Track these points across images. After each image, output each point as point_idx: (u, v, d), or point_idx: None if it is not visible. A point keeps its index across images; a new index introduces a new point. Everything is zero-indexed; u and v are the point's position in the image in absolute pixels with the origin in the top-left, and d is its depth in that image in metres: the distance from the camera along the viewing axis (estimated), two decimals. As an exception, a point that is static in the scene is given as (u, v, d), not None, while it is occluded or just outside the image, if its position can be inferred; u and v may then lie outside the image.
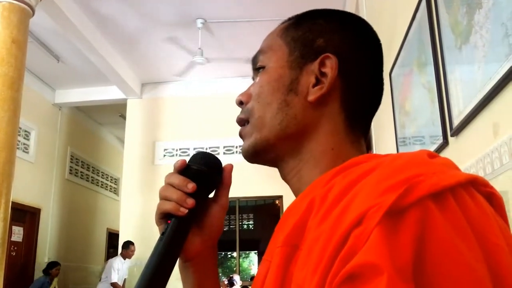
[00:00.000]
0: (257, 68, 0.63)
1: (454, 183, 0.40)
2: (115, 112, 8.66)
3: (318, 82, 0.57)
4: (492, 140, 1.40)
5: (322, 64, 0.57)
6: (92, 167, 9.42)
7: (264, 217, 13.02)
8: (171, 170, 0.62)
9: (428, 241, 0.36)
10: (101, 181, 9.83)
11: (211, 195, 0.64)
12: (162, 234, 0.57)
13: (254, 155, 0.60)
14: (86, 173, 9.18)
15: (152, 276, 0.54)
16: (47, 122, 7.78)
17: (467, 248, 0.36)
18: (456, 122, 1.71)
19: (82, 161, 8.99)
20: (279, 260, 0.45)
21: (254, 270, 13.98)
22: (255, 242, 13.45)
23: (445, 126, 1.86)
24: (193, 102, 7.40)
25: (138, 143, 7.33)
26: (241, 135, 0.62)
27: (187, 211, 0.58)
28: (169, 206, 0.58)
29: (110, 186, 10.23)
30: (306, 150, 0.58)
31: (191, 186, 0.58)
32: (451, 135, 1.79)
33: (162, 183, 0.60)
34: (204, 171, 0.60)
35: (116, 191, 10.36)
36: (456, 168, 0.47)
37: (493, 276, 0.36)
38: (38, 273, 7.30)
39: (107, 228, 9.86)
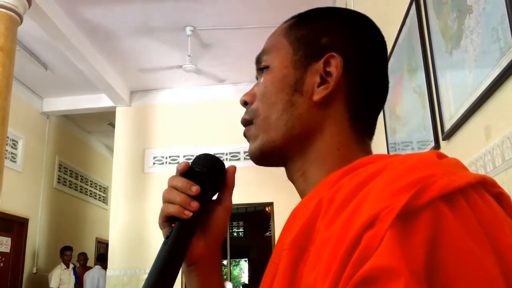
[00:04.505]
0: (261, 68, 0.62)
1: (465, 184, 0.40)
2: (104, 120, 8.60)
3: (323, 81, 0.57)
4: (484, 143, 1.42)
5: (327, 63, 0.57)
6: (81, 176, 9.33)
7: (254, 224, 12.99)
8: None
9: (440, 243, 0.36)
10: (90, 190, 9.73)
11: (215, 197, 0.63)
12: (167, 238, 0.57)
13: (262, 157, 0.60)
14: (75, 182, 9.09)
15: (158, 281, 0.54)
16: (35, 131, 7.69)
17: (479, 249, 0.36)
18: (447, 126, 1.73)
19: (70, 170, 8.89)
20: (287, 263, 0.45)
21: (244, 277, 13.92)
22: (245, 249, 13.41)
23: (436, 130, 1.87)
24: (182, 109, 7.38)
25: (128, 151, 7.27)
26: (246, 136, 0.62)
27: (191, 214, 0.57)
28: (173, 209, 0.58)
29: (99, 195, 10.14)
30: (312, 151, 0.57)
31: (195, 188, 0.58)
32: (443, 139, 1.80)
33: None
34: (207, 173, 0.60)
35: (105, 200, 10.27)
36: (465, 168, 0.47)
37: (505, 277, 0.36)
38: (26, 284, 7.20)
39: (96, 238, 9.76)
